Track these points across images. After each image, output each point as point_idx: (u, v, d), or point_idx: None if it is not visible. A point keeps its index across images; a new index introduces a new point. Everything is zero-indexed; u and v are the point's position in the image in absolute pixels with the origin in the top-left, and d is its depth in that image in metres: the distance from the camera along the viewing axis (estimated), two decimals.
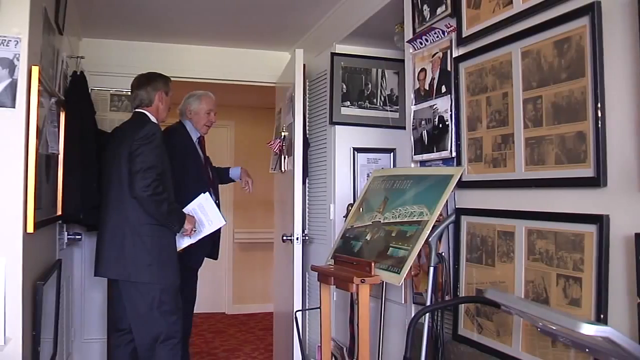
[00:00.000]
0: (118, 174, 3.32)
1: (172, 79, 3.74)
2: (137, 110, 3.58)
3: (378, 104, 4.04)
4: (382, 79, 4.05)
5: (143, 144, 3.27)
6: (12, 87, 2.43)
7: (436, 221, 2.45)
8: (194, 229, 3.56)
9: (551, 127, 1.98)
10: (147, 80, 3.59)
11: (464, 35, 2.48)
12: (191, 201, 3.68)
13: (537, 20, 2.04)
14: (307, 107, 4.38)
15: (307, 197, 4.35)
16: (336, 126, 4.01)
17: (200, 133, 4.19)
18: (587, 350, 1.60)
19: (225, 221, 3.89)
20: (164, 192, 3.28)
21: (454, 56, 2.57)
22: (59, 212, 3.34)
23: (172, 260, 3.40)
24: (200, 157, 4.16)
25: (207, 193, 3.81)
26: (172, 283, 3.38)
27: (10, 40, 2.42)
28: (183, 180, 3.76)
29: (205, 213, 3.72)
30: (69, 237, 3.76)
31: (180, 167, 3.79)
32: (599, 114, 1.78)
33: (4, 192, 2.42)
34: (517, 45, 2.14)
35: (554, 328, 1.58)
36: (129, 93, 4.68)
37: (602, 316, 1.75)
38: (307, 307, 4.17)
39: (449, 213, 2.56)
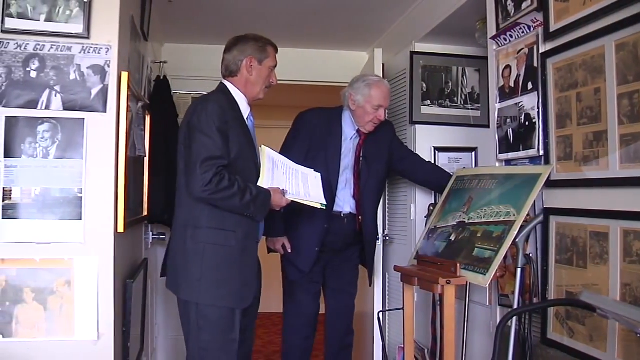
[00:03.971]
0: (179, 165, 2.68)
1: None
2: (221, 81, 2.86)
3: (459, 103, 3.97)
4: (462, 77, 3.98)
5: (197, 129, 2.56)
6: (104, 92, 2.52)
7: (523, 221, 2.39)
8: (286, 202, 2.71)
9: None
10: (235, 42, 2.84)
11: (551, 30, 2.40)
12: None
13: (633, 11, 1.95)
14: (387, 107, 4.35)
15: (387, 197, 4.32)
16: (416, 125, 3.96)
17: (362, 130, 3.41)
18: None
19: (324, 204, 2.88)
20: (232, 185, 2.52)
21: (541, 52, 2.48)
22: (145, 213, 3.44)
23: (236, 277, 2.63)
24: (338, 160, 3.36)
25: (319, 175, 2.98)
26: (226, 304, 2.61)
27: (101, 48, 2.52)
28: None
29: (307, 184, 2.91)
30: (154, 236, 3.86)
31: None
32: None
33: (97, 193, 2.51)
34: (611, 38, 2.05)
35: None
36: None
37: None
38: (387, 308, 4.14)
39: (536, 213, 2.48)
